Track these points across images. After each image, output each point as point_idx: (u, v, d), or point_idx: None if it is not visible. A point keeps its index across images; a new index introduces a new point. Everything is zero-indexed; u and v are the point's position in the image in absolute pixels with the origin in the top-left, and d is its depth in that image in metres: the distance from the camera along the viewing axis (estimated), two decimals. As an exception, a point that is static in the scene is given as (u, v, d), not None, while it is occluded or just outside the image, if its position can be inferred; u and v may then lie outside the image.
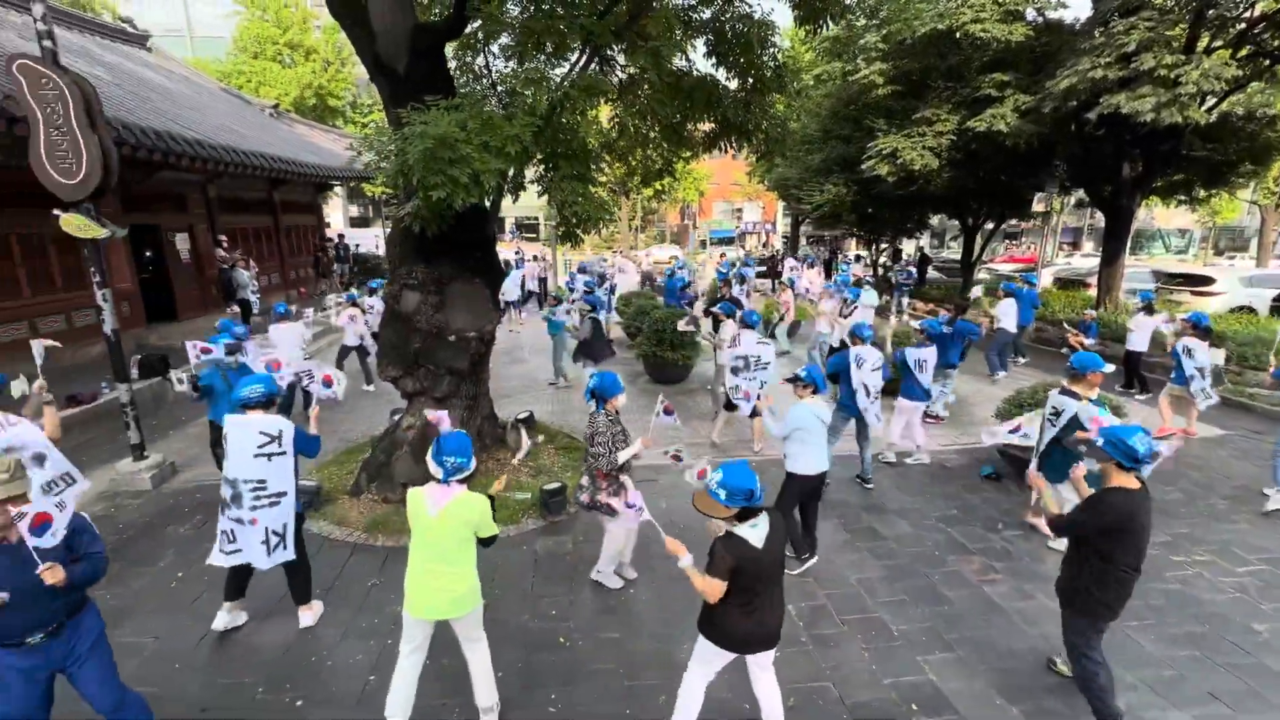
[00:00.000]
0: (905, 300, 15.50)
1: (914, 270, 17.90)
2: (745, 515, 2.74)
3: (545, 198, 5.41)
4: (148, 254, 11.71)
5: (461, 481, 3.06)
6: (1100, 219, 17.12)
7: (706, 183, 39.45)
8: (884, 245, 22.75)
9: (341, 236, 21.12)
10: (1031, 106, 10.11)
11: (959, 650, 3.91)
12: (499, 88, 6.41)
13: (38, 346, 4.77)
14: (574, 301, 9.99)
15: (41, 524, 2.51)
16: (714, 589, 2.74)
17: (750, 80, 5.82)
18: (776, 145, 6.04)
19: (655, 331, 9.52)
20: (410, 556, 3.07)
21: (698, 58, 5.85)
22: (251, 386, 3.70)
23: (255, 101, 18.44)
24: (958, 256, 22.32)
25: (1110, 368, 5.14)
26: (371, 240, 25.37)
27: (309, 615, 4.15)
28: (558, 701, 3.50)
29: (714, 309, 8.12)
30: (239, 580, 4.05)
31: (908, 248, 31.38)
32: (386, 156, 4.10)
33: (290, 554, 3.81)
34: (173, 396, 8.58)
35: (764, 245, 40.05)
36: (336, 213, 36.13)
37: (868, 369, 5.78)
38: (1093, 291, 13.75)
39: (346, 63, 29.75)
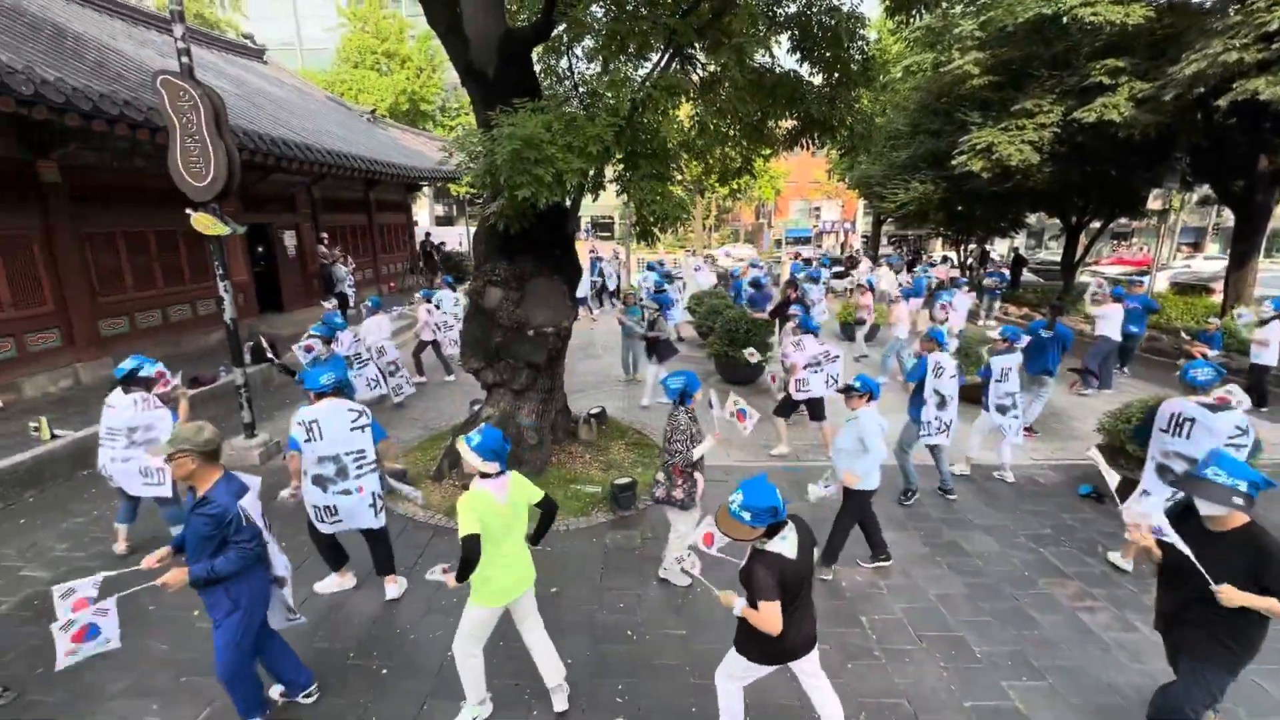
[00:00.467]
0: (996, 304, 14.60)
1: (1006, 272, 16.81)
2: (773, 530, 2.63)
3: (621, 197, 5.49)
4: (260, 250, 12.78)
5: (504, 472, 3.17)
6: (1229, 217, 15.46)
7: (783, 181, 38.70)
8: (973, 246, 21.50)
9: (428, 235, 22.24)
10: (1149, 94, 9.26)
11: (1049, 678, 3.66)
12: (580, 89, 6.56)
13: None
14: (639, 303, 10.05)
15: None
16: (773, 615, 2.55)
17: (836, 75, 5.67)
18: (862, 141, 5.84)
19: (728, 331, 9.46)
20: (486, 552, 2.93)
21: (781, 53, 5.77)
22: (327, 375, 4.11)
23: (355, 108, 19.72)
24: (1057, 257, 20.78)
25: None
26: (455, 238, 26.54)
27: (394, 588, 4.42)
28: (625, 693, 3.56)
29: (788, 311, 7.95)
30: (334, 552, 4.40)
31: (1000, 247, 29.50)
32: (476, 157, 4.30)
33: (383, 517, 4.24)
34: (276, 381, 9.33)
35: (842, 245, 38.82)
36: (424, 212, 38.08)
37: (945, 377, 5.53)
38: (1217, 298, 12.44)
39: (438, 69, 31.26)
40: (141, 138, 7.38)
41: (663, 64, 5.50)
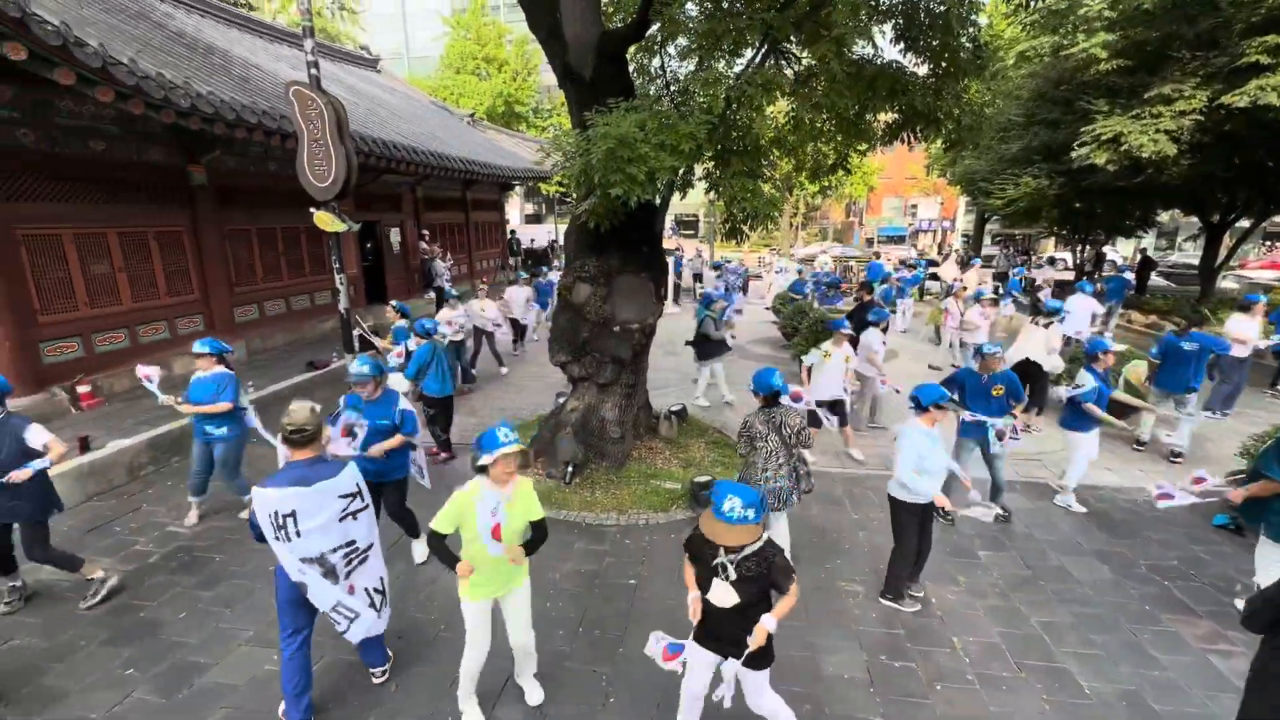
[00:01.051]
0: (1119, 311, 13.28)
1: (1129, 276, 15.24)
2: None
3: (708, 195, 5.47)
4: (368, 245, 13.78)
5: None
6: None
7: (877, 177, 37.03)
8: (1089, 246, 19.65)
9: (514, 231, 23.15)
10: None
11: (1173, 725, 3.32)
12: (672, 87, 6.59)
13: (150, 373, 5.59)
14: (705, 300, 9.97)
15: None
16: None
17: (943, 64, 5.36)
18: (969, 134, 5.50)
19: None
20: (472, 549, 3.06)
21: (883, 44, 5.52)
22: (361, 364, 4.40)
23: (456, 111, 20.78)
24: (1194, 260, 18.66)
25: None
26: (544, 235, 27.40)
27: (421, 550, 4.82)
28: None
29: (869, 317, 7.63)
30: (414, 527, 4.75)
31: (1124, 248, 26.87)
32: (572, 157, 4.43)
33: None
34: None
35: (939, 245, 36.68)
36: (514, 210, 39.61)
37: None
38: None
39: (532, 72, 32.36)
40: (274, 143, 8.14)
41: (757, 60, 5.43)
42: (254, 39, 12.66)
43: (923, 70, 5.69)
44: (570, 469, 6.01)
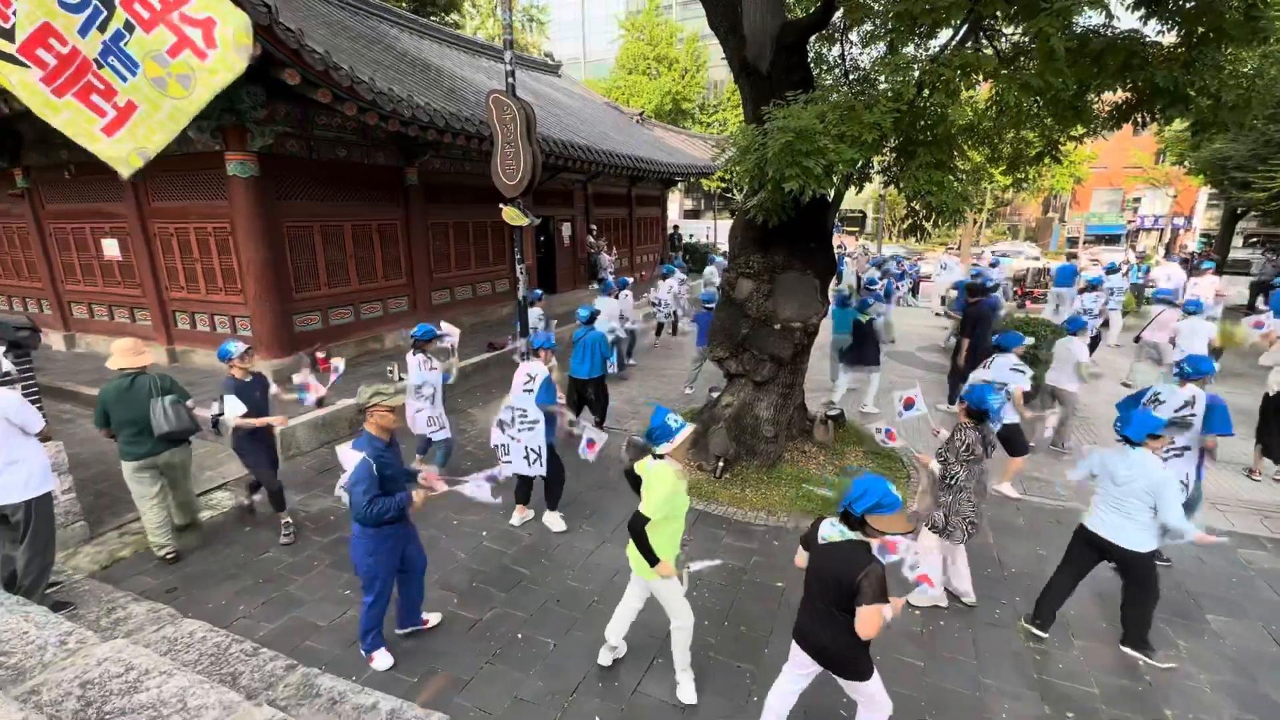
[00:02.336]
0: None
1: None
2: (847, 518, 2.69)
3: (884, 188, 5.12)
4: (540, 239, 14.88)
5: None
6: None
7: (1087, 167, 31.95)
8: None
9: (676, 227, 23.56)
10: None
11: None
12: (850, 75, 6.26)
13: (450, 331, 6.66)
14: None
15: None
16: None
17: (1199, 30, 4.47)
18: (1233, 113, 4.51)
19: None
20: (673, 528, 3.30)
21: (1119, 11, 4.73)
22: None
23: (626, 110, 21.62)
24: None
25: None
26: (702, 231, 27.58)
27: (556, 521, 5.25)
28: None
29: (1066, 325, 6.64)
30: (524, 487, 5.30)
31: None
32: (747, 151, 4.41)
33: (542, 470, 4.90)
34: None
35: (1167, 247, 30.74)
36: (673, 205, 40.31)
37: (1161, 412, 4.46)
38: None
39: (701, 69, 32.63)
40: (472, 146, 9.12)
41: (956, 40, 4.96)
42: (459, 53, 14.23)
43: (1169, 38, 4.80)
44: (721, 463, 6.03)
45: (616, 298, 9.39)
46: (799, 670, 2.96)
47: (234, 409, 4.57)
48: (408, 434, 5.56)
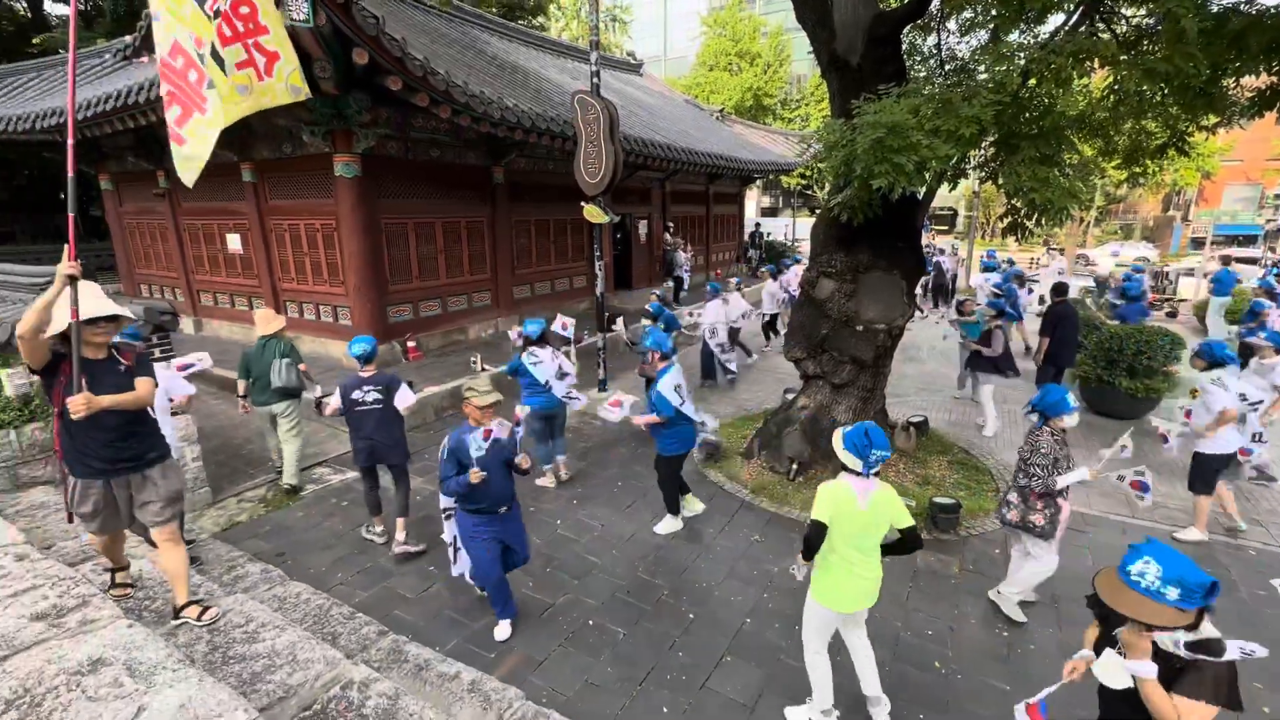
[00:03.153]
0: None
1: None
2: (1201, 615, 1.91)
3: (980, 185, 4.83)
4: (618, 236, 15.09)
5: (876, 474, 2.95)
6: None
7: (1217, 160, 28.79)
8: None
9: (758, 225, 23.23)
10: None
11: None
12: (946, 66, 5.96)
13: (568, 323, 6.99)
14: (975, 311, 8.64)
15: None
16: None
17: (1365, 4, 3.95)
18: None
19: (1105, 350, 7.62)
20: (838, 552, 2.96)
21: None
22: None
23: (706, 108, 21.52)
24: None
25: None
26: (780, 228, 27.04)
27: (667, 525, 5.21)
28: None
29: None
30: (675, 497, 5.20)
31: None
32: (834, 148, 4.30)
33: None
34: (621, 348, 10.97)
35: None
36: (751, 203, 39.69)
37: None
38: None
39: (785, 63, 31.95)
40: (556, 146, 9.38)
41: (1069, 25, 4.61)
42: (545, 55, 14.64)
43: (1329, 13, 4.26)
44: (795, 466, 5.93)
45: (726, 302, 9.08)
46: None
47: (406, 399, 4.83)
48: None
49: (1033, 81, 4.29)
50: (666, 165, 12.37)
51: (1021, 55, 4.32)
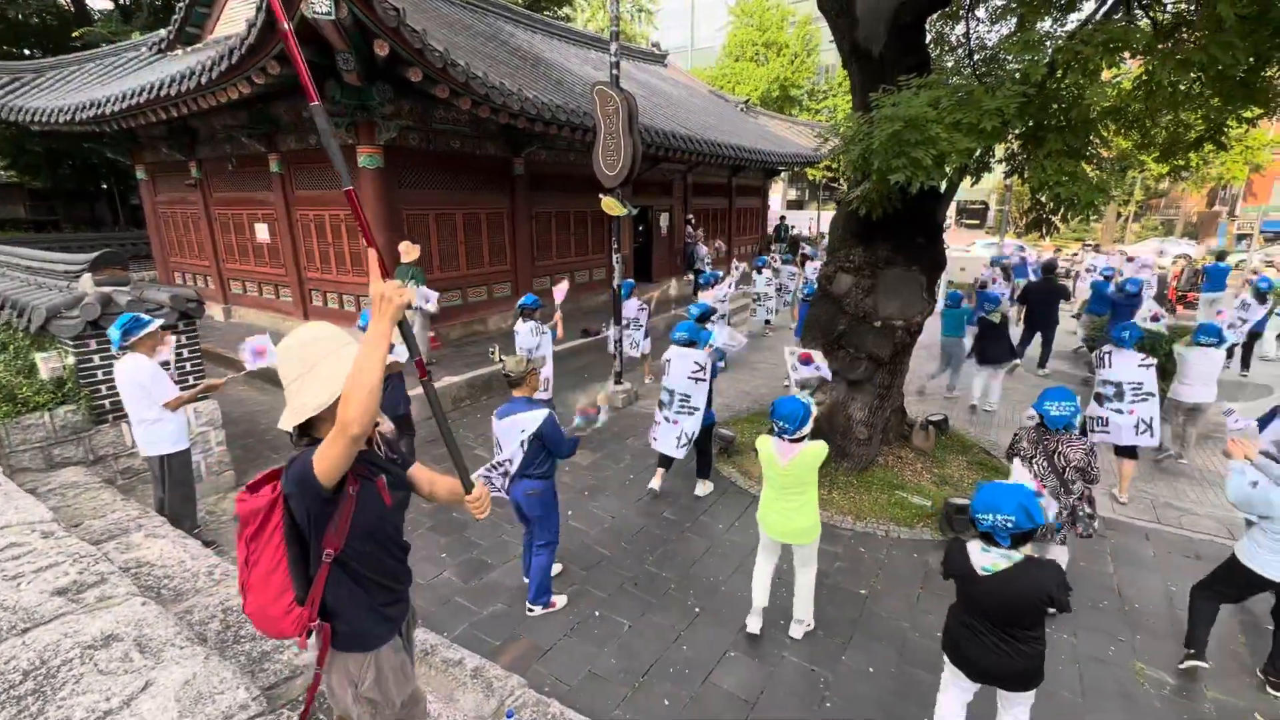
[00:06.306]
0: None
1: None
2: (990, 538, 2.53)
3: (1005, 179, 4.69)
4: (639, 228, 15.03)
5: (797, 440, 3.48)
6: None
7: (1267, 153, 27.47)
8: None
9: (783, 218, 22.98)
10: None
11: None
12: (975, 55, 5.79)
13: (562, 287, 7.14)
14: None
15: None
16: None
17: None
18: None
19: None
20: (764, 490, 3.72)
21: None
22: (680, 332, 5.28)
23: (731, 99, 21.26)
24: None
25: None
26: (805, 222, 26.70)
27: (703, 488, 5.67)
28: None
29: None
30: (665, 462, 5.54)
31: None
32: (852, 141, 4.22)
33: (681, 453, 5.22)
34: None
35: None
36: (776, 195, 39.19)
37: None
38: None
39: (812, 53, 31.39)
40: (576, 137, 9.37)
41: (1101, 13, 4.44)
42: (567, 46, 14.61)
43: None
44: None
45: (720, 291, 9.26)
46: (964, 691, 2.83)
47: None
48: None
49: (1060, 73, 4.14)
50: (688, 157, 12.26)
51: (1048, 45, 4.18)
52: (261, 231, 10.21)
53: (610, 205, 7.16)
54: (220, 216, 10.97)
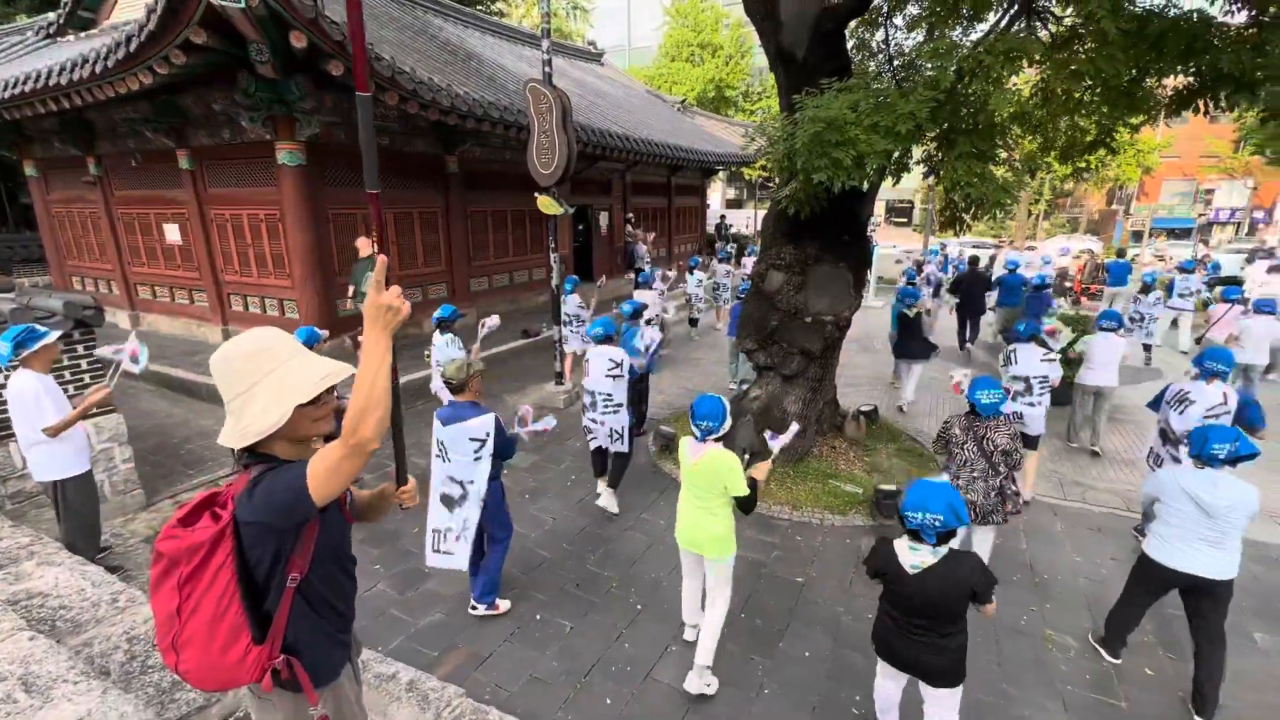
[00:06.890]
0: None
1: None
2: (917, 536, 2.61)
3: (923, 180, 4.94)
4: (579, 228, 14.96)
5: (717, 440, 3.34)
6: None
7: (1156, 156, 30.09)
8: None
9: (723, 217, 23.42)
10: None
11: None
12: (894, 62, 6.06)
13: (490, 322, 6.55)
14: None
15: None
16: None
17: (1272, 9, 4.16)
18: (1306, 100, 4.19)
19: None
20: (683, 486, 3.50)
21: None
22: (595, 329, 5.20)
23: (667, 99, 21.44)
24: None
25: None
26: (743, 220, 27.27)
27: (610, 499, 5.37)
28: (863, 705, 3.38)
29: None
30: (601, 462, 5.47)
31: None
32: (776, 142, 4.34)
33: (624, 448, 5.18)
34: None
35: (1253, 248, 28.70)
36: (715, 195, 39.82)
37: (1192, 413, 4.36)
38: None
39: (746, 55, 32.03)
40: (511, 135, 9.22)
41: (1003, 24, 4.74)
42: (501, 42, 14.36)
43: (1238, 18, 4.48)
44: (748, 457, 6.00)
45: (655, 290, 9.24)
46: (898, 676, 2.95)
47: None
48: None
49: (967, 80, 4.40)
50: (626, 156, 12.29)
51: (957, 54, 4.42)
52: (171, 232, 9.55)
53: (546, 204, 7.10)
54: (124, 216, 10.19)
